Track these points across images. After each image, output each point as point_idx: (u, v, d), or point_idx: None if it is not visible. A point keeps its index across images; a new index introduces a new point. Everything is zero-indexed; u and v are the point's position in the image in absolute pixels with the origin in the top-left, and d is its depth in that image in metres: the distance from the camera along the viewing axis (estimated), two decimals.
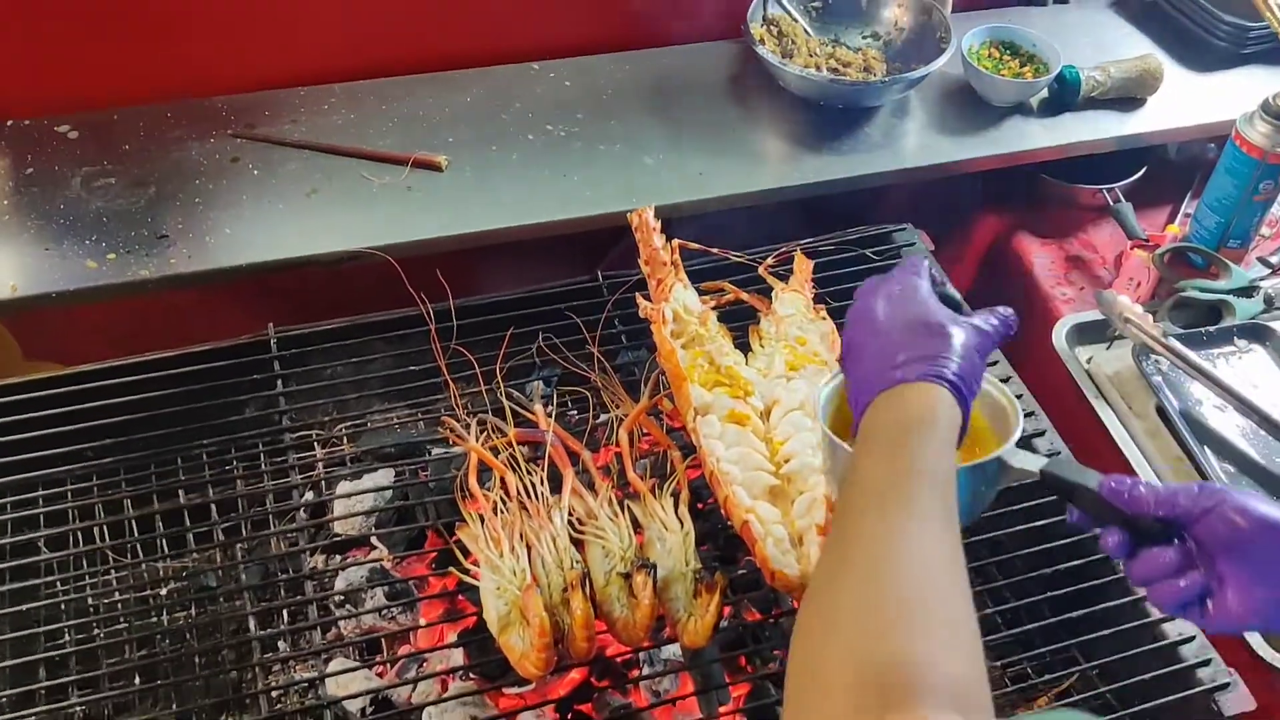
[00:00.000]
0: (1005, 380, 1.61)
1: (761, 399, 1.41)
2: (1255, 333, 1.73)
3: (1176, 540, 0.98)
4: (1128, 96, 1.99)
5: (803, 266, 1.62)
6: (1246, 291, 1.80)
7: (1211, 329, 1.73)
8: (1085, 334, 1.78)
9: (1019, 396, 1.56)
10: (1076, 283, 1.92)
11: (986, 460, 1.06)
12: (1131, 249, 1.92)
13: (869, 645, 0.76)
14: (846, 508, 0.91)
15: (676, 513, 1.34)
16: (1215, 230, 1.87)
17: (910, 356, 0.97)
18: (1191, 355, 1.63)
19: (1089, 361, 1.74)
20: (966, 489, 1.09)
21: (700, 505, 1.44)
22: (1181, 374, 1.65)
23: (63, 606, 1.40)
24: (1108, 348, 1.76)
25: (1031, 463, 1.06)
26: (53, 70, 1.77)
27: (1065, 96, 1.96)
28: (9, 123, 1.77)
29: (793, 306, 1.54)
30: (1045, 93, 1.97)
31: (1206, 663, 1.33)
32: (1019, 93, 1.95)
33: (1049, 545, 1.43)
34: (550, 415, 1.47)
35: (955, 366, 0.96)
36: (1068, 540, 1.43)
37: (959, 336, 1.00)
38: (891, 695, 0.71)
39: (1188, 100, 2.02)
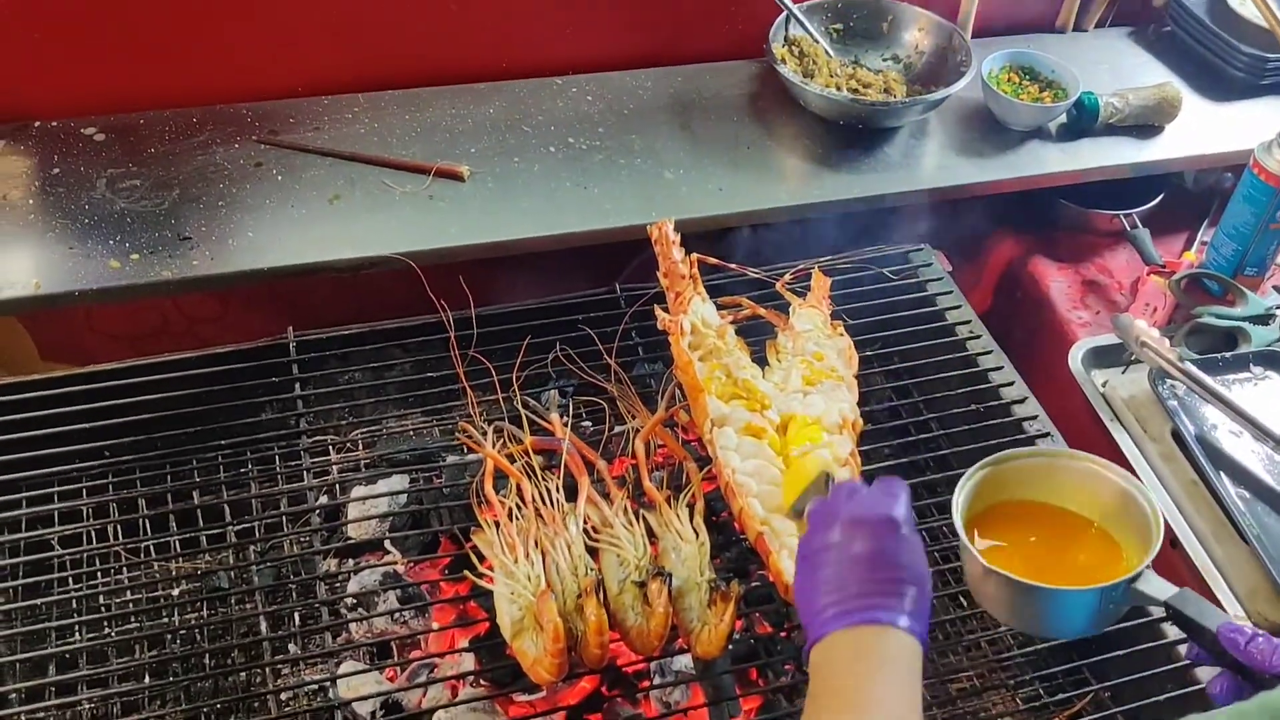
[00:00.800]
0: (1021, 401, 1.61)
1: (778, 413, 1.42)
2: (1271, 360, 1.73)
3: None
4: (1146, 124, 2.00)
5: (820, 283, 1.63)
6: (1263, 319, 1.80)
7: (1228, 355, 1.73)
8: (1101, 358, 1.78)
9: (1033, 418, 1.57)
10: (1093, 307, 1.92)
11: (1118, 582, 1.10)
12: (1148, 274, 1.92)
13: None
14: None
15: (692, 523, 1.34)
16: (1232, 258, 1.87)
17: (887, 599, 0.95)
18: (1208, 380, 1.62)
19: (1105, 385, 1.74)
20: (1096, 605, 1.12)
21: (715, 518, 1.45)
22: (1197, 399, 1.65)
23: (74, 604, 1.40)
24: (1123, 371, 1.76)
25: (1160, 591, 1.09)
26: (80, 74, 1.79)
27: (1084, 122, 1.97)
28: (36, 124, 1.78)
29: (810, 322, 1.55)
30: (1064, 118, 1.98)
31: None
32: (1037, 117, 1.96)
33: None
34: (566, 425, 1.48)
35: (925, 625, 0.96)
36: None
37: (917, 562, 0.99)
38: None
39: (1205, 129, 2.03)
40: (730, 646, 1.28)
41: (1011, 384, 1.64)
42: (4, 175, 1.70)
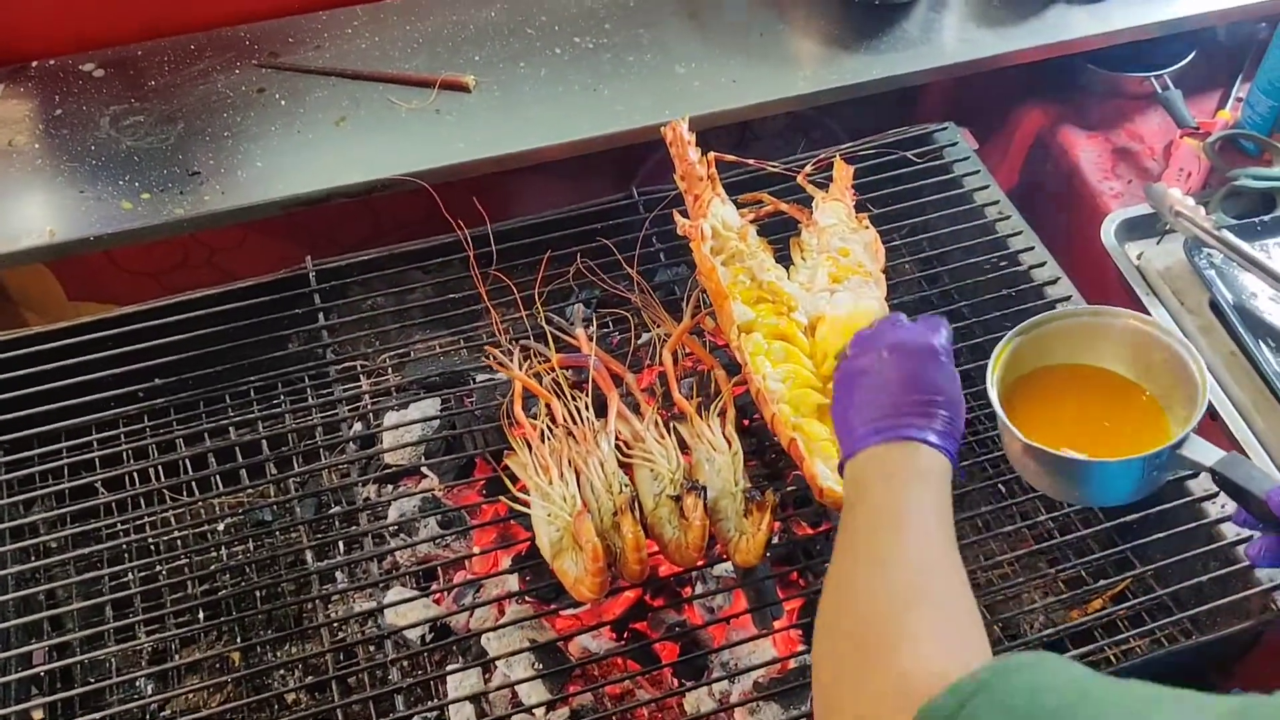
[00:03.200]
0: (1054, 281, 1.58)
1: (805, 314, 1.39)
2: None
3: None
4: None
5: (842, 173, 1.58)
6: None
7: (1265, 218, 1.67)
8: (1135, 229, 1.73)
9: (1067, 298, 1.54)
10: (1124, 176, 1.86)
11: (1161, 449, 1.06)
12: (1181, 138, 1.86)
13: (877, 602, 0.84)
14: (844, 538, 0.93)
15: (724, 432, 1.33)
16: (1268, 115, 1.80)
17: (920, 418, 0.98)
18: (1245, 247, 1.58)
19: (1139, 257, 1.69)
20: (1140, 474, 1.09)
21: (746, 422, 1.44)
22: (1235, 266, 1.61)
23: (124, 547, 1.42)
24: (1158, 242, 1.71)
25: (1206, 456, 1.05)
26: (74, 7, 1.74)
27: None
28: (34, 64, 1.75)
29: (834, 216, 1.51)
30: None
31: None
32: None
33: None
34: (592, 338, 1.46)
35: (941, 427, 0.98)
36: None
37: (953, 388, 1.02)
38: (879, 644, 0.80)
39: None
40: (769, 553, 1.28)
41: (1043, 264, 1.60)
42: (7, 120, 1.68)
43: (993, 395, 1.15)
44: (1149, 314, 1.62)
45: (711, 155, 1.53)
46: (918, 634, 0.79)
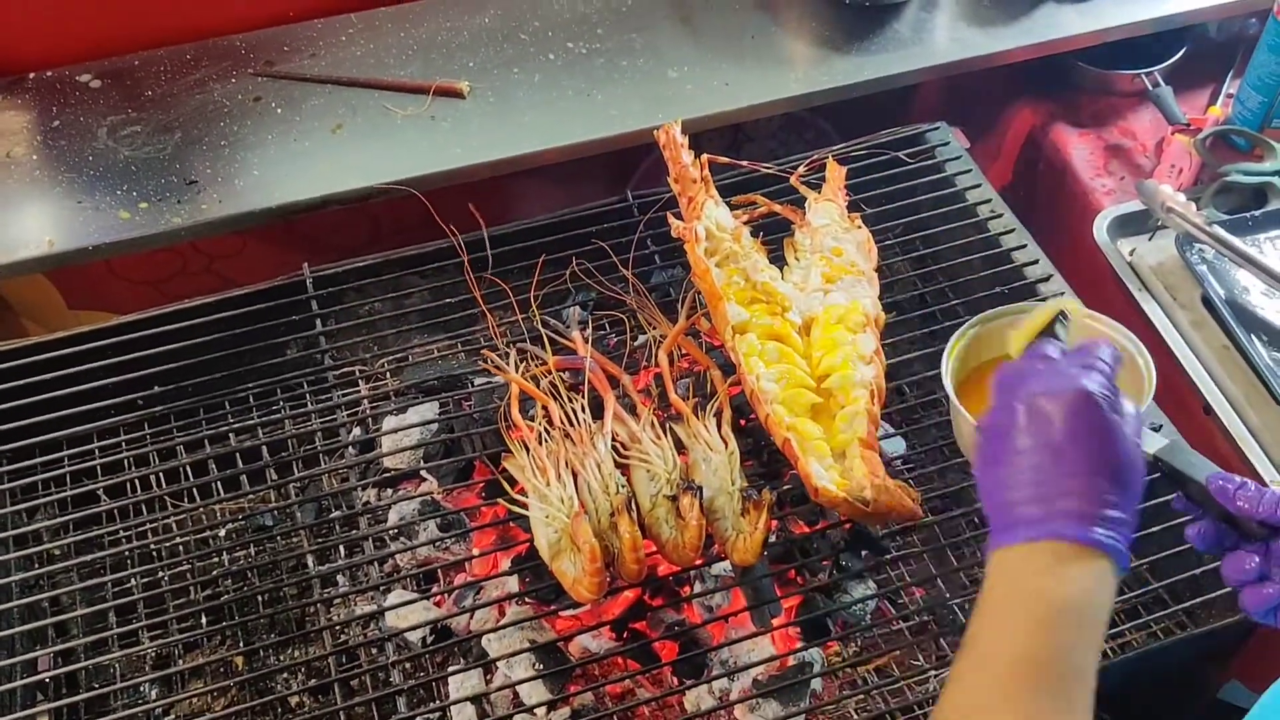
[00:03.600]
0: (1046, 279, 1.59)
1: (799, 314, 1.41)
2: None
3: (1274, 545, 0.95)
4: None
5: (835, 174, 1.60)
6: None
7: (1257, 213, 1.69)
8: (1127, 225, 1.74)
9: (1060, 294, 1.55)
10: (1116, 173, 1.87)
11: None
12: (1172, 135, 1.87)
13: None
14: (974, 684, 0.82)
15: (720, 432, 1.34)
16: (1258, 110, 1.81)
17: (1081, 503, 0.84)
18: (1236, 241, 1.59)
19: (1131, 254, 1.70)
20: None
21: (743, 422, 1.45)
22: (1227, 261, 1.62)
23: (126, 553, 1.44)
24: (1150, 238, 1.72)
25: (1150, 444, 1.04)
26: (70, 19, 1.76)
27: None
28: (31, 76, 1.77)
29: (827, 216, 1.52)
30: None
31: None
32: None
33: None
34: (588, 340, 1.48)
35: (1128, 530, 0.85)
36: None
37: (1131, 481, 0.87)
38: None
39: None
40: (766, 551, 1.29)
41: (1036, 262, 1.61)
42: (5, 131, 1.69)
43: (947, 382, 1.20)
44: (1143, 310, 1.64)
45: (705, 158, 1.54)
46: None
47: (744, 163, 1.63)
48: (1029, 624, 0.81)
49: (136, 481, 1.49)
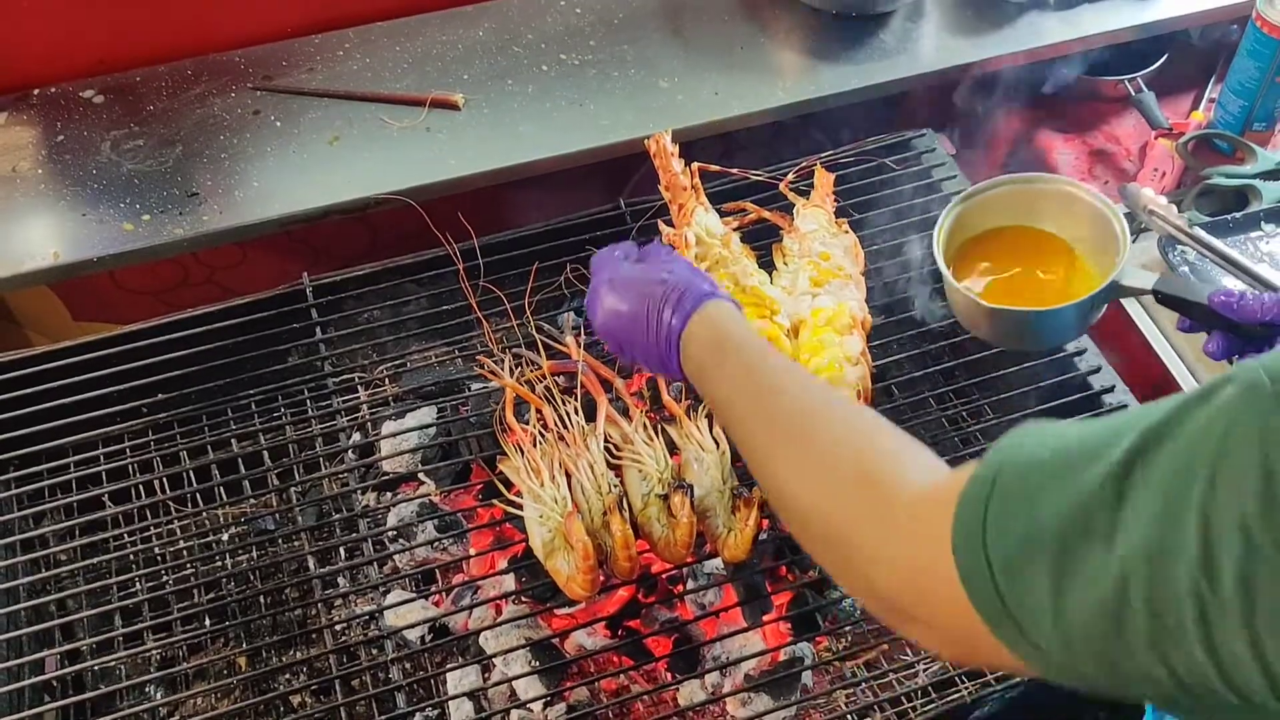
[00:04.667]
0: None
1: (788, 317, 1.44)
2: None
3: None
4: None
5: (823, 180, 1.63)
6: (1274, 174, 1.79)
7: (1238, 215, 1.72)
8: None
9: None
10: (1101, 177, 1.91)
11: (1103, 287, 1.20)
12: (1155, 139, 1.90)
13: (826, 463, 0.87)
14: (741, 420, 0.99)
15: (711, 433, 1.37)
16: (1240, 114, 1.85)
17: (667, 307, 1.07)
18: (1216, 242, 1.61)
19: None
20: (1086, 311, 1.24)
21: None
22: (1209, 262, 1.65)
23: (131, 557, 1.47)
24: (1134, 241, 1.75)
25: (1144, 280, 1.18)
26: (72, 36, 1.80)
27: None
28: (35, 92, 1.80)
29: (814, 222, 1.56)
30: None
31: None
32: None
33: None
34: (581, 345, 1.51)
35: (700, 285, 1.08)
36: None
37: (674, 268, 1.12)
38: (865, 495, 0.82)
39: None
40: (758, 548, 1.32)
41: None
42: (11, 147, 1.72)
43: (940, 260, 1.29)
44: (1128, 312, 1.67)
45: (695, 166, 1.58)
46: (893, 459, 0.82)
47: (734, 170, 1.66)
48: (729, 365, 1.01)
49: (141, 487, 1.52)
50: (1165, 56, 2.03)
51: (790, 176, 1.65)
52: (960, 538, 0.69)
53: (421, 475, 1.53)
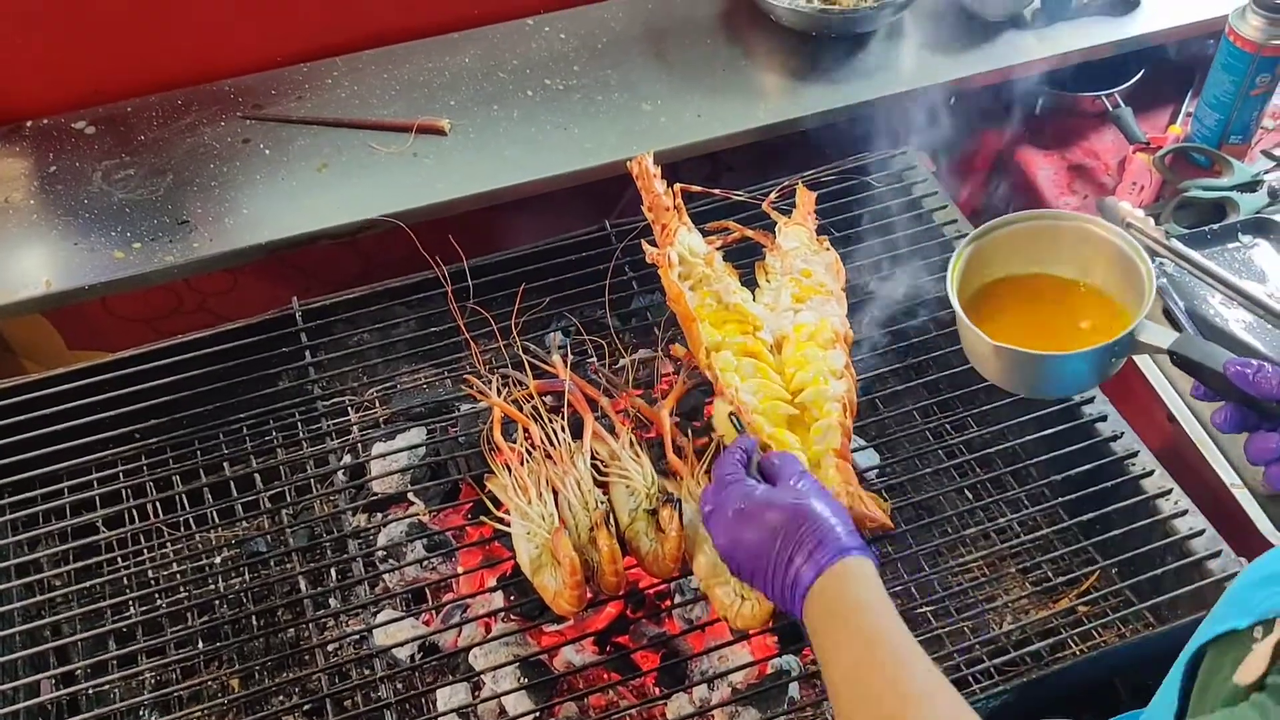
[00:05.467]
0: None
1: (771, 333, 1.46)
2: (1259, 226, 1.74)
3: None
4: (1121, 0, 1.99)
5: (805, 199, 1.65)
6: (1250, 186, 1.81)
7: (1215, 226, 1.74)
8: None
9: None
10: (1080, 192, 1.93)
11: (1119, 338, 1.14)
12: (1133, 153, 1.93)
13: None
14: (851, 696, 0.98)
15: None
16: (1216, 127, 1.87)
17: (801, 553, 1.05)
18: (1193, 254, 1.64)
19: None
20: (1102, 362, 1.18)
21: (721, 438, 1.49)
22: (1187, 274, 1.67)
23: (125, 581, 1.48)
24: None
25: (1161, 338, 1.12)
26: (64, 68, 1.83)
27: (1058, 6, 1.96)
28: (28, 124, 1.83)
29: (796, 240, 1.58)
30: (1038, 3, 1.97)
31: (1217, 554, 1.37)
32: (1011, 6, 1.95)
33: (1063, 451, 1.47)
34: (568, 364, 1.53)
35: (839, 535, 1.06)
36: (1081, 445, 1.47)
37: (813, 508, 1.08)
38: None
39: None
40: None
41: None
42: (3, 178, 1.75)
43: (954, 301, 1.23)
44: None
45: (678, 186, 1.60)
46: None
47: (715, 191, 1.69)
48: (850, 632, 1.00)
49: (134, 512, 1.53)
50: (1142, 72, 2.05)
51: (773, 195, 1.68)
52: None
53: (411, 495, 1.54)
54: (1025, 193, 1.98)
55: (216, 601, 1.52)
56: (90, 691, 1.41)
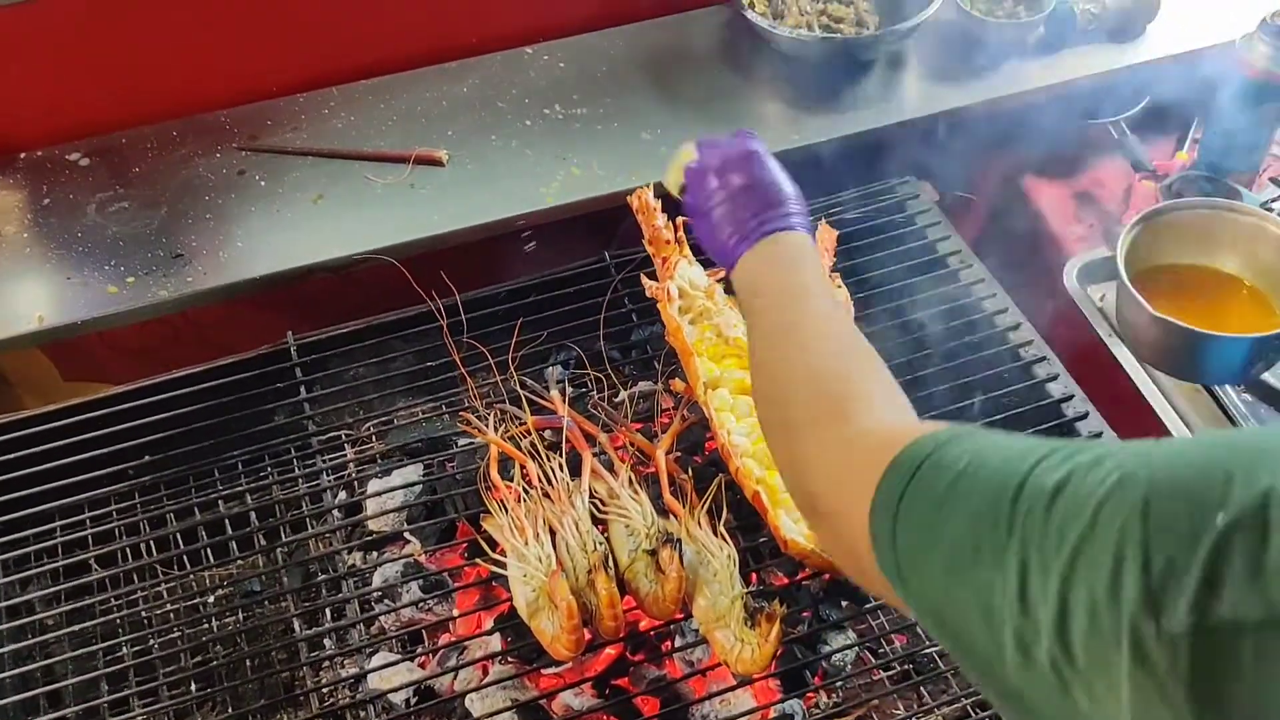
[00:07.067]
0: (1015, 327, 1.62)
1: None
2: None
3: None
4: (1126, 26, 1.97)
5: (825, 236, 1.63)
6: None
7: None
8: (1096, 272, 1.77)
9: (1028, 343, 1.58)
10: (1086, 220, 1.91)
11: (1275, 333, 1.20)
12: (1140, 181, 1.91)
13: (814, 370, 0.95)
14: (760, 325, 1.04)
15: (717, 533, 1.33)
16: (1223, 155, 1.85)
17: (775, 211, 1.10)
18: None
19: (1102, 299, 1.73)
20: (1250, 354, 1.25)
21: (724, 477, 1.47)
22: None
23: (118, 622, 1.46)
24: None
25: None
26: (58, 100, 1.81)
27: (1062, 33, 1.94)
28: (22, 156, 1.82)
29: None
30: (1041, 31, 1.96)
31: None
32: (1015, 33, 1.94)
33: None
34: (566, 399, 1.50)
35: (795, 209, 1.11)
36: None
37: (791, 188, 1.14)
38: (832, 405, 0.90)
39: (1187, 24, 2.00)
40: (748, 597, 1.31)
41: (1005, 310, 1.64)
42: None
43: (1121, 271, 1.29)
44: (1115, 355, 1.67)
45: (679, 220, 1.58)
46: (869, 394, 0.90)
47: None
48: (774, 289, 1.05)
49: (128, 550, 1.51)
50: (1148, 99, 2.03)
51: None
52: (880, 495, 0.77)
53: (407, 534, 1.52)
54: (1030, 221, 1.96)
55: (210, 643, 1.49)
56: None
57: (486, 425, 1.46)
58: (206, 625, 1.53)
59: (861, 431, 0.85)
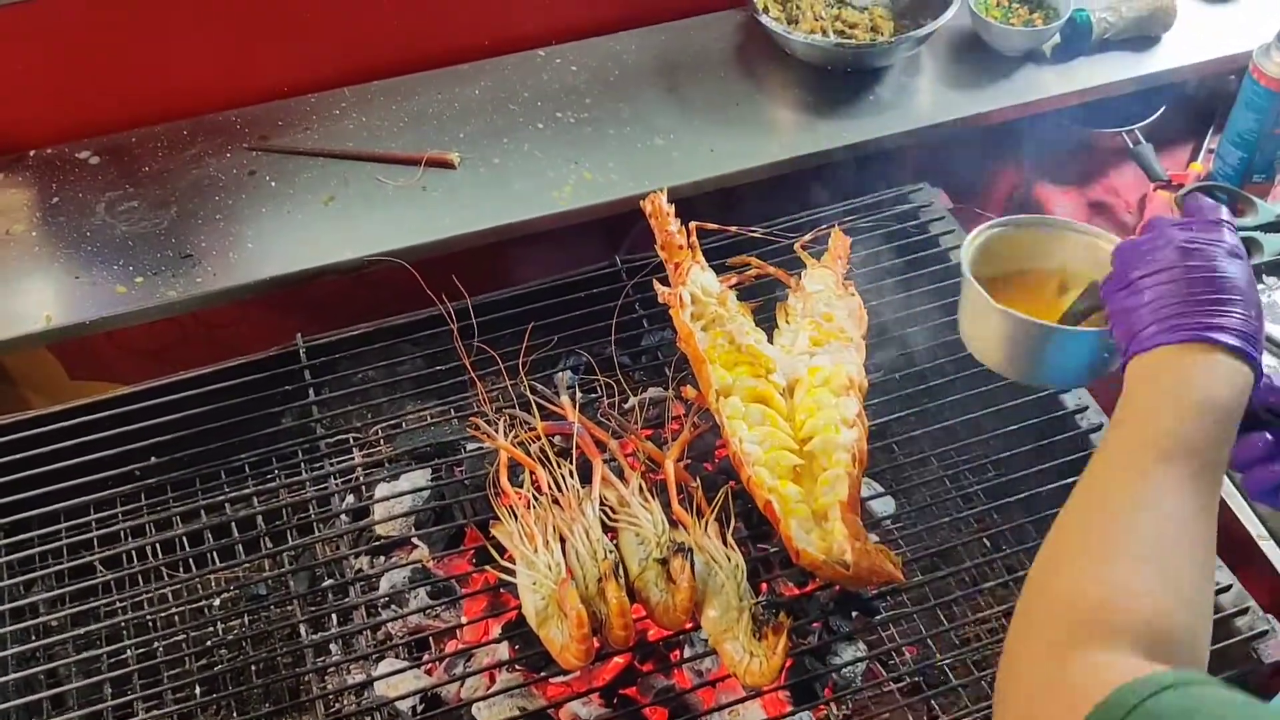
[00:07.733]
0: None
1: (784, 376, 1.42)
2: None
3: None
4: (1142, 35, 1.96)
5: (839, 243, 1.62)
6: (1275, 226, 1.76)
7: None
8: None
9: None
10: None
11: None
12: (1154, 190, 1.89)
13: (1072, 583, 0.79)
14: (1099, 462, 0.87)
15: (726, 543, 1.32)
16: (1239, 166, 1.84)
17: (1224, 318, 0.91)
18: None
19: None
20: (1095, 350, 1.16)
21: (732, 484, 1.46)
22: None
23: (122, 624, 1.45)
24: None
25: None
26: (68, 98, 1.80)
27: (1078, 41, 1.93)
28: (31, 153, 1.81)
29: (822, 283, 1.55)
30: (1057, 39, 1.95)
31: (1244, 611, 1.33)
32: (1030, 41, 1.92)
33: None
34: (576, 405, 1.49)
35: (1240, 326, 0.90)
36: None
37: (1248, 295, 0.94)
38: (1079, 632, 0.75)
39: (1204, 33, 1.99)
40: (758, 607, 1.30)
41: None
42: (5, 209, 1.73)
43: (965, 267, 1.23)
44: None
45: (692, 225, 1.57)
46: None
47: (731, 228, 1.65)
48: (1177, 409, 0.85)
49: (133, 552, 1.50)
50: (1163, 108, 2.02)
51: (806, 239, 1.63)
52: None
53: (415, 539, 1.51)
54: None
55: (215, 646, 1.49)
56: None
57: (496, 430, 1.45)
58: (212, 629, 1.52)
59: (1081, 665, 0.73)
